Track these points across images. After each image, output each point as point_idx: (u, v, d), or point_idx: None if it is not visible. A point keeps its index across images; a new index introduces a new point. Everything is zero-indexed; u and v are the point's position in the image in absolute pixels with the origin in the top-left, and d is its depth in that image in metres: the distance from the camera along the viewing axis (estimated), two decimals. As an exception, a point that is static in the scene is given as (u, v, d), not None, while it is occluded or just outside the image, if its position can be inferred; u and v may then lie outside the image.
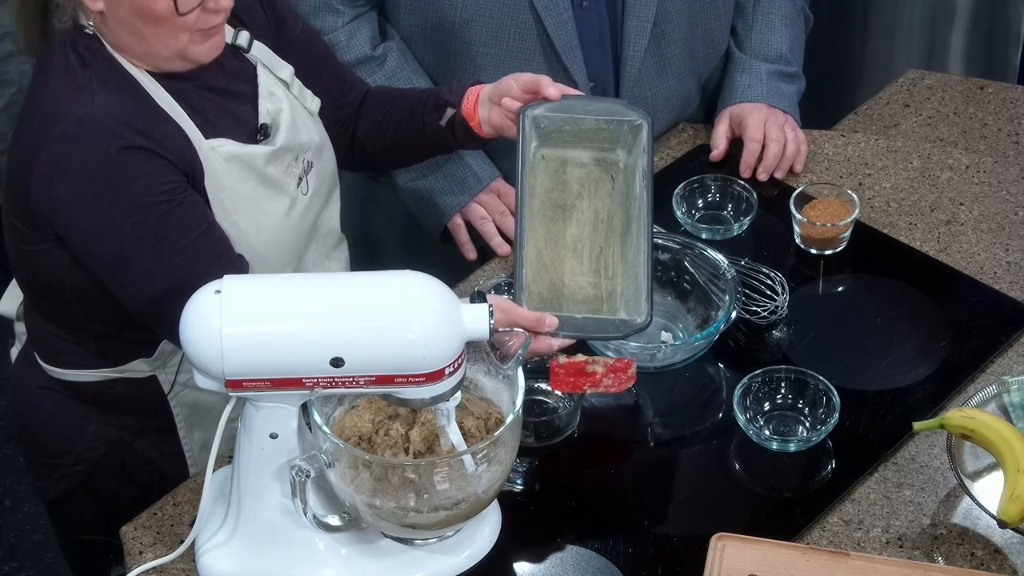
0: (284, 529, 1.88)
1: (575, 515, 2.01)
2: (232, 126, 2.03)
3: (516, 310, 1.97)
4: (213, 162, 1.99)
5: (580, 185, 2.12)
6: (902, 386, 2.14)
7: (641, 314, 2.02)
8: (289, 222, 2.09)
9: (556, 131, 2.11)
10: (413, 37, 2.49)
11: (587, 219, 2.11)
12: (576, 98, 2.12)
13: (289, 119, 2.09)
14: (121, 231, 1.90)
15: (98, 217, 1.90)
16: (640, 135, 2.10)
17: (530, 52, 2.41)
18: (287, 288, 1.78)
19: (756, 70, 2.56)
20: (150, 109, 1.94)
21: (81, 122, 1.88)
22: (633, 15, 2.42)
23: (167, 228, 1.90)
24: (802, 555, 1.88)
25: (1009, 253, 2.35)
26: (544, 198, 2.11)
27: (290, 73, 2.13)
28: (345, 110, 2.24)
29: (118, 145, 1.88)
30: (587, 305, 2.07)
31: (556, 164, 2.13)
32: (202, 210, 1.96)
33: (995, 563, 1.91)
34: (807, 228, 2.34)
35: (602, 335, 2.07)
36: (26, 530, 3.30)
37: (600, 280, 2.08)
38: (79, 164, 1.88)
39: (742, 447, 2.07)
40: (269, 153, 2.05)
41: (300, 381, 1.74)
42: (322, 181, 2.17)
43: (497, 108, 2.14)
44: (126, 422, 2.18)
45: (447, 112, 2.20)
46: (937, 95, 2.75)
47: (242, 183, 2.02)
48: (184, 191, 1.93)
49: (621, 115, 2.11)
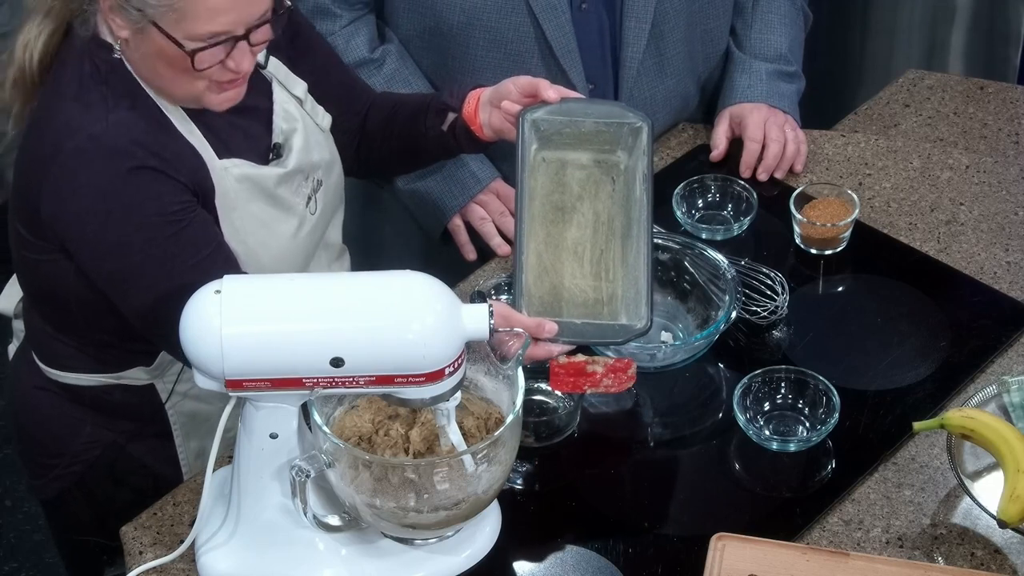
0: (284, 529, 1.88)
1: (575, 515, 2.01)
2: (244, 144, 2.03)
3: (515, 316, 1.96)
4: (225, 182, 1.98)
5: (580, 187, 2.12)
6: (902, 386, 2.14)
7: (641, 319, 2.02)
8: (296, 241, 2.09)
9: (556, 134, 2.11)
10: (411, 40, 2.48)
11: (587, 221, 2.11)
12: (575, 101, 2.12)
13: (302, 140, 2.09)
14: (130, 249, 1.89)
15: (107, 234, 1.89)
16: (640, 137, 2.09)
17: (528, 55, 2.41)
18: (287, 288, 1.78)
19: (756, 70, 2.56)
20: (164, 129, 1.94)
21: (94, 139, 1.88)
22: (631, 16, 2.42)
23: (176, 248, 1.90)
24: (802, 555, 1.88)
25: (1009, 253, 2.35)
26: (544, 200, 2.11)
27: (303, 90, 2.12)
28: (353, 120, 2.24)
29: (129, 165, 1.88)
30: (587, 309, 2.07)
31: (556, 166, 2.12)
32: (211, 229, 1.96)
33: (995, 563, 1.91)
34: (807, 228, 2.34)
35: (602, 340, 2.07)
36: (26, 530, 3.30)
37: (601, 283, 2.08)
38: (89, 182, 1.88)
39: (742, 447, 2.07)
40: (281, 175, 2.05)
41: (300, 381, 1.74)
42: (331, 199, 2.17)
43: (497, 111, 2.14)
44: (122, 426, 2.18)
45: (448, 116, 2.20)
46: (937, 95, 2.75)
47: (253, 203, 2.02)
48: (194, 211, 1.93)
49: (621, 117, 2.11)
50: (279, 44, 2.08)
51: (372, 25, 2.50)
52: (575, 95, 2.15)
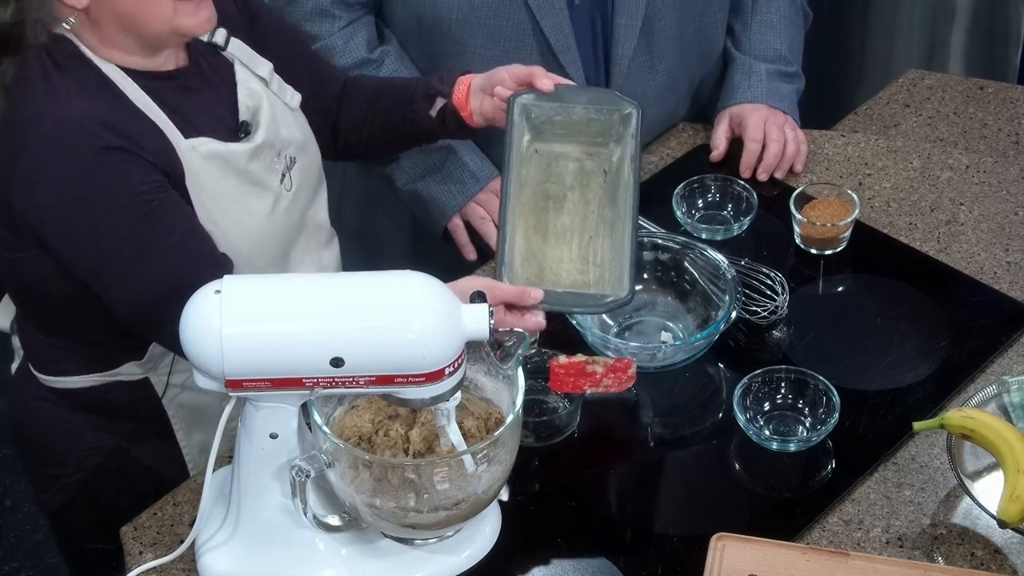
0: (284, 529, 1.88)
1: (575, 515, 2.01)
2: (212, 125, 2.03)
3: (498, 286, 1.95)
4: (193, 162, 1.98)
5: (572, 178, 2.12)
6: (902, 386, 2.14)
7: (623, 289, 2.01)
8: (273, 220, 2.09)
9: (547, 122, 2.11)
10: (409, 38, 2.49)
11: (577, 210, 2.11)
12: (566, 88, 2.13)
13: (269, 115, 2.09)
14: (102, 233, 1.89)
15: (78, 220, 1.89)
16: (629, 123, 2.10)
17: (527, 53, 2.41)
18: (287, 288, 1.78)
19: (756, 70, 2.56)
20: (127, 109, 1.94)
21: (59, 125, 1.88)
22: (623, 12, 2.42)
23: (148, 229, 1.90)
24: (802, 555, 1.88)
25: (1009, 253, 2.35)
26: (535, 189, 2.11)
27: (268, 70, 2.12)
28: (324, 100, 2.24)
29: (97, 146, 1.87)
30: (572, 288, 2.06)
31: (548, 159, 2.13)
32: (183, 210, 1.95)
33: (995, 563, 1.91)
34: (807, 228, 2.34)
35: (583, 308, 2.06)
36: (26, 530, 3.30)
37: (588, 267, 2.07)
38: (58, 168, 1.88)
39: (742, 447, 2.07)
40: (250, 150, 2.04)
41: (300, 381, 1.74)
42: (307, 177, 2.16)
43: (489, 98, 2.14)
44: (123, 428, 2.18)
45: (437, 102, 2.19)
46: (937, 95, 2.75)
47: (224, 181, 2.01)
48: (164, 191, 1.92)
49: (611, 104, 2.11)
50: (239, 26, 2.08)
51: (371, 26, 2.50)
52: (568, 83, 2.15)
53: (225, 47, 2.08)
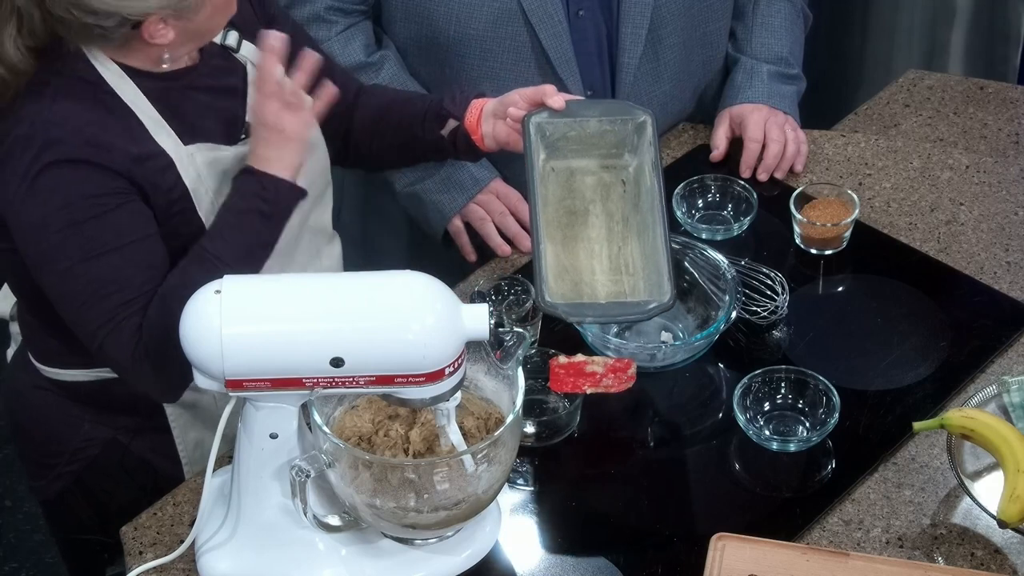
0: (284, 529, 1.88)
1: (575, 515, 2.01)
2: (215, 127, 2.03)
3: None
4: (193, 167, 1.98)
5: (592, 192, 2.13)
6: (902, 386, 2.14)
7: (664, 294, 2.01)
8: None
9: (562, 138, 2.11)
10: (408, 50, 2.48)
11: (601, 223, 2.11)
12: (577, 102, 2.13)
13: None
14: (49, 229, 1.90)
15: (31, 215, 1.90)
16: (644, 132, 2.10)
17: (525, 64, 2.41)
18: (287, 288, 1.78)
19: (757, 71, 2.56)
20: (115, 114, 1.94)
21: (32, 125, 1.89)
22: (628, 21, 2.42)
23: (95, 231, 1.90)
24: (802, 555, 1.88)
25: (1009, 253, 2.35)
26: (557, 206, 2.12)
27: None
28: (337, 105, 2.24)
29: (60, 154, 1.88)
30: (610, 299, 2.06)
31: (566, 175, 2.13)
32: (143, 222, 1.94)
33: (995, 563, 1.91)
34: (807, 228, 2.34)
35: (628, 317, 2.06)
36: (26, 530, 3.30)
37: (621, 277, 2.07)
38: (22, 165, 1.89)
39: (742, 447, 2.07)
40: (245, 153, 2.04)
41: (300, 381, 1.74)
42: (312, 180, 2.16)
43: (502, 123, 2.15)
44: (122, 422, 2.18)
45: (449, 123, 2.20)
46: (937, 95, 2.75)
47: (225, 185, 2.01)
48: (124, 197, 1.92)
49: (624, 114, 2.12)
50: (255, 28, 2.09)
51: (369, 31, 2.50)
52: (578, 98, 2.16)
53: (238, 49, 2.08)
